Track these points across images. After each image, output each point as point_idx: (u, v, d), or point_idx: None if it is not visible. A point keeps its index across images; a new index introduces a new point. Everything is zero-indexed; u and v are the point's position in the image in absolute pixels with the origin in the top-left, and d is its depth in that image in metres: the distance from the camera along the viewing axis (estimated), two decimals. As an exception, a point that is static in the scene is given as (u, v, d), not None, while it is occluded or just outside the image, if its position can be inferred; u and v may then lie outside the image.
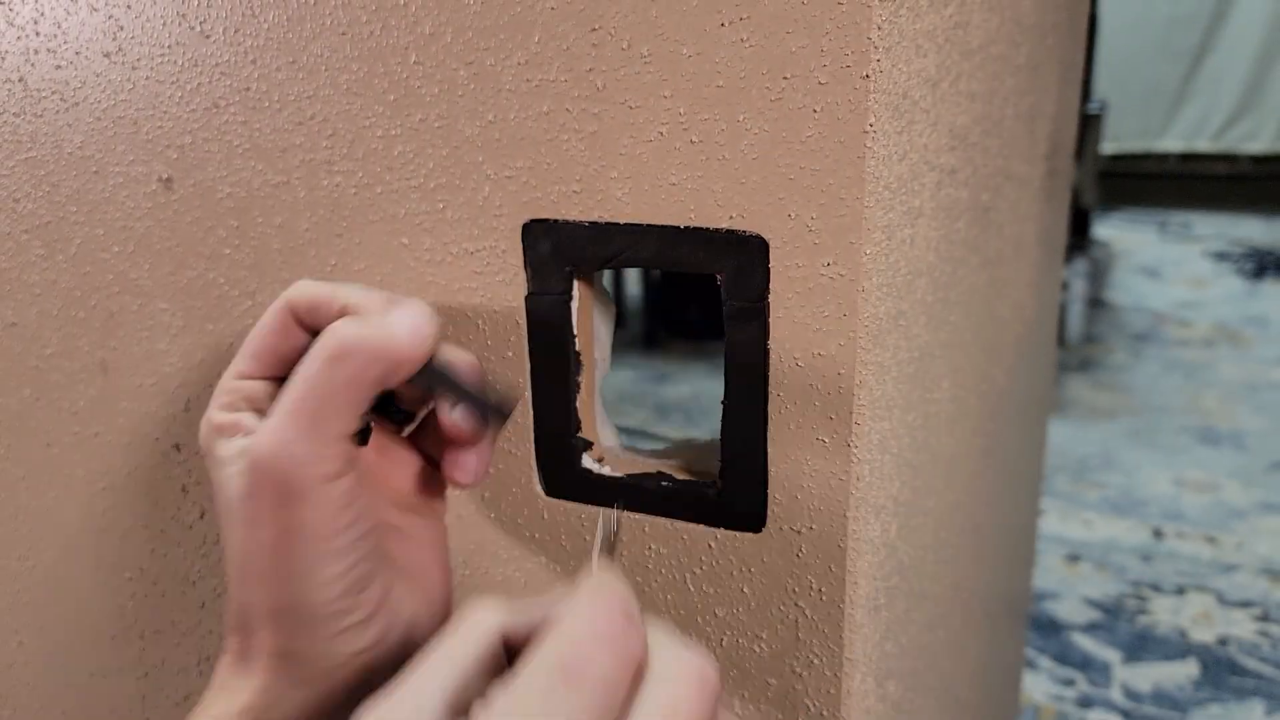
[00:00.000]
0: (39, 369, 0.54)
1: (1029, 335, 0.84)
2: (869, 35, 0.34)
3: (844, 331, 0.38)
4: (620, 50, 0.38)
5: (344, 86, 0.43)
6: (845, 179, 0.36)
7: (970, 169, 0.52)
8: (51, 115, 0.49)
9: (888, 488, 0.44)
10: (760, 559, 0.42)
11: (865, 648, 0.44)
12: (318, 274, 0.46)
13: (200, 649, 0.57)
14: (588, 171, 0.40)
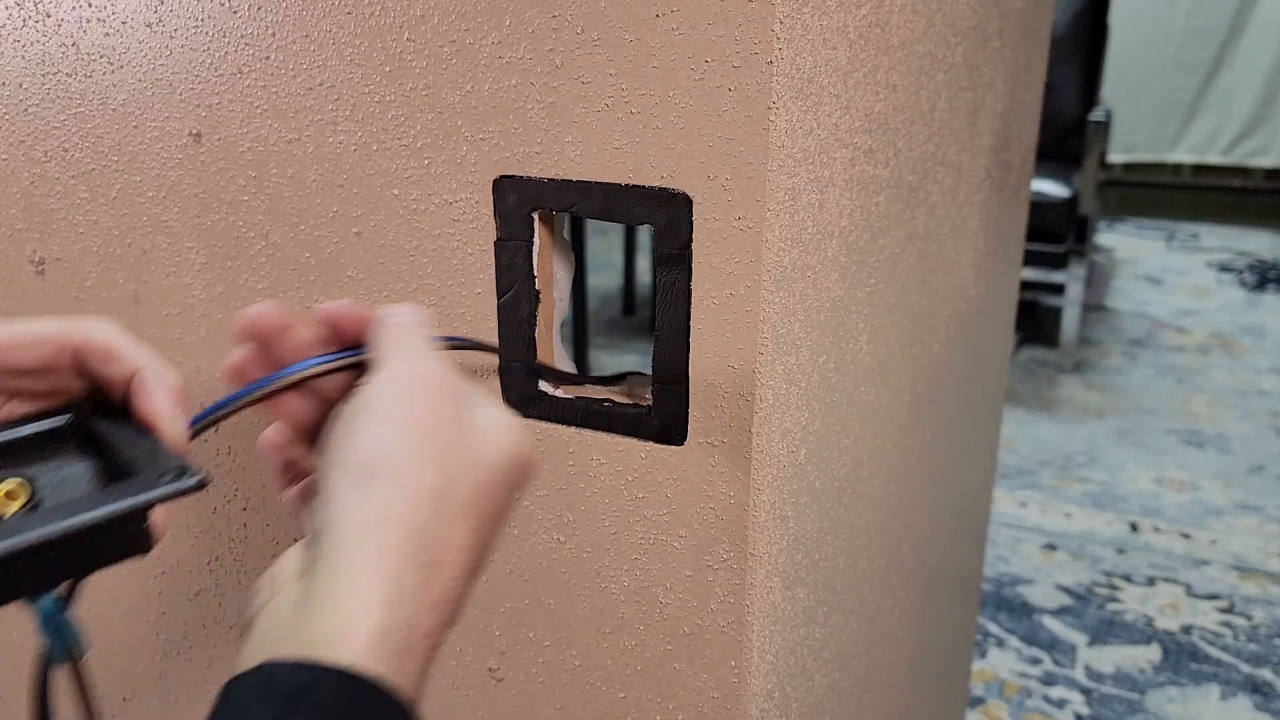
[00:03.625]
0: (80, 299, 0.63)
1: (973, 315, 0.92)
2: (772, 28, 0.42)
3: (750, 275, 0.46)
4: (576, 34, 0.46)
5: (348, 58, 0.51)
6: (752, 147, 0.44)
7: (891, 150, 0.60)
8: (99, 76, 0.57)
9: (796, 415, 0.52)
10: (682, 468, 0.50)
11: (770, 550, 0.52)
12: (321, 219, 0.54)
13: (210, 549, 0.65)
14: (547, 135, 0.48)
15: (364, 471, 0.35)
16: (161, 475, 0.34)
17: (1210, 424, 2.81)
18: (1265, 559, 2.16)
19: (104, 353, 0.37)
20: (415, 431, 0.36)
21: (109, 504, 0.33)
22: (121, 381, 0.38)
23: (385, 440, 0.35)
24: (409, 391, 0.37)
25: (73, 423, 0.38)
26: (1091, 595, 2.03)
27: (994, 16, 0.80)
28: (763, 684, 0.54)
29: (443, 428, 0.36)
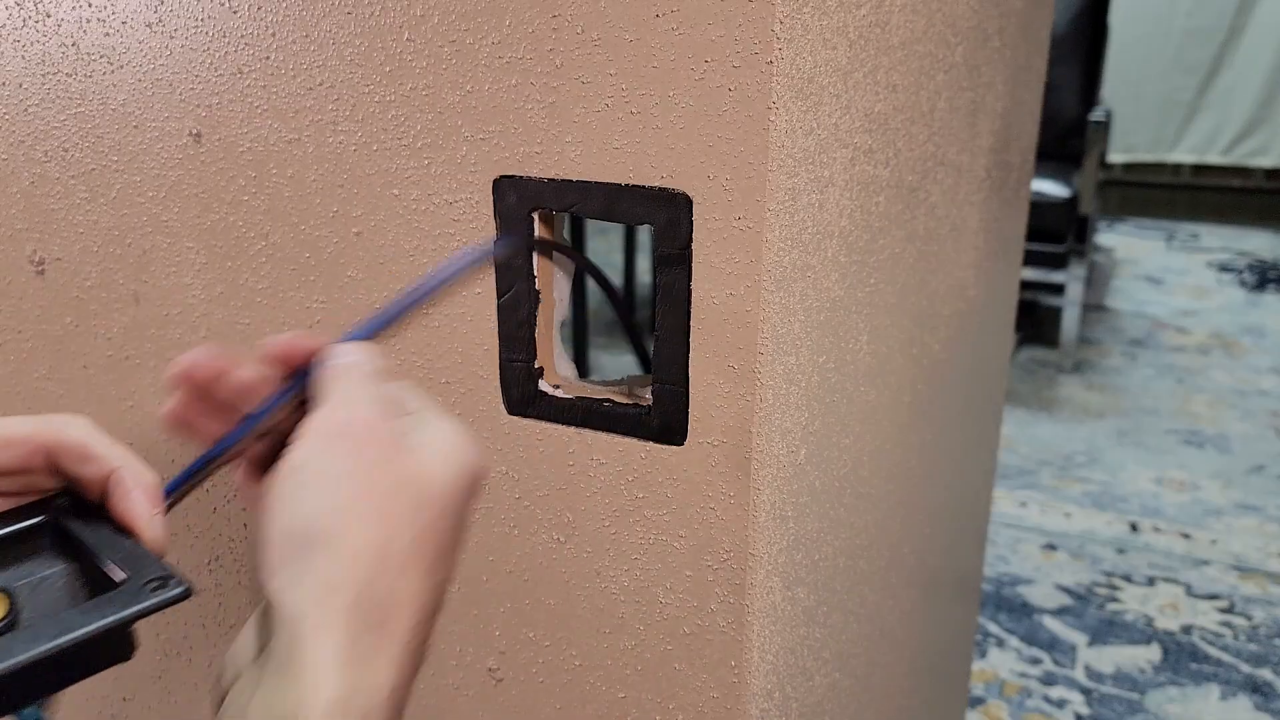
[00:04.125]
0: (79, 299, 0.63)
1: (973, 314, 0.92)
2: (772, 28, 0.42)
3: (750, 275, 0.46)
4: (575, 34, 0.46)
5: (348, 58, 0.51)
6: (752, 147, 0.44)
7: (891, 150, 0.60)
8: (99, 76, 0.57)
9: (796, 416, 0.52)
10: (682, 468, 0.50)
11: (770, 550, 0.52)
12: (321, 219, 0.54)
13: (211, 550, 0.65)
14: (547, 135, 0.48)
15: (302, 541, 0.34)
16: (146, 584, 0.34)
17: (1210, 424, 2.81)
18: (1265, 559, 2.16)
19: (78, 453, 0.37)
20: (347, 489, 0.35)
21: (96, 620, 0.33)
22: (98, 481, 0.37)
23: (318, 504, 0.34)
24: (338, 444, 0.36)
25: (48, 523, 0.37)
26: (1091, 595, 2.03)
27: (994, 16, 0.80)
28: (763, 684, 0.54)
29: (376, 477, 0.35)
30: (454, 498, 0.37)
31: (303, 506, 0.34)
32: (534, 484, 0.54)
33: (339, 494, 0.35)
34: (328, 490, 0.35)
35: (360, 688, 0.32)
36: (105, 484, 0.37)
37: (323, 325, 0.56)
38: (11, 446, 0.37)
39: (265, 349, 0.41)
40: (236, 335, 0.59)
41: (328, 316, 0.56)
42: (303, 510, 0.34)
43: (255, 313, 0.58)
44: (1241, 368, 3.20)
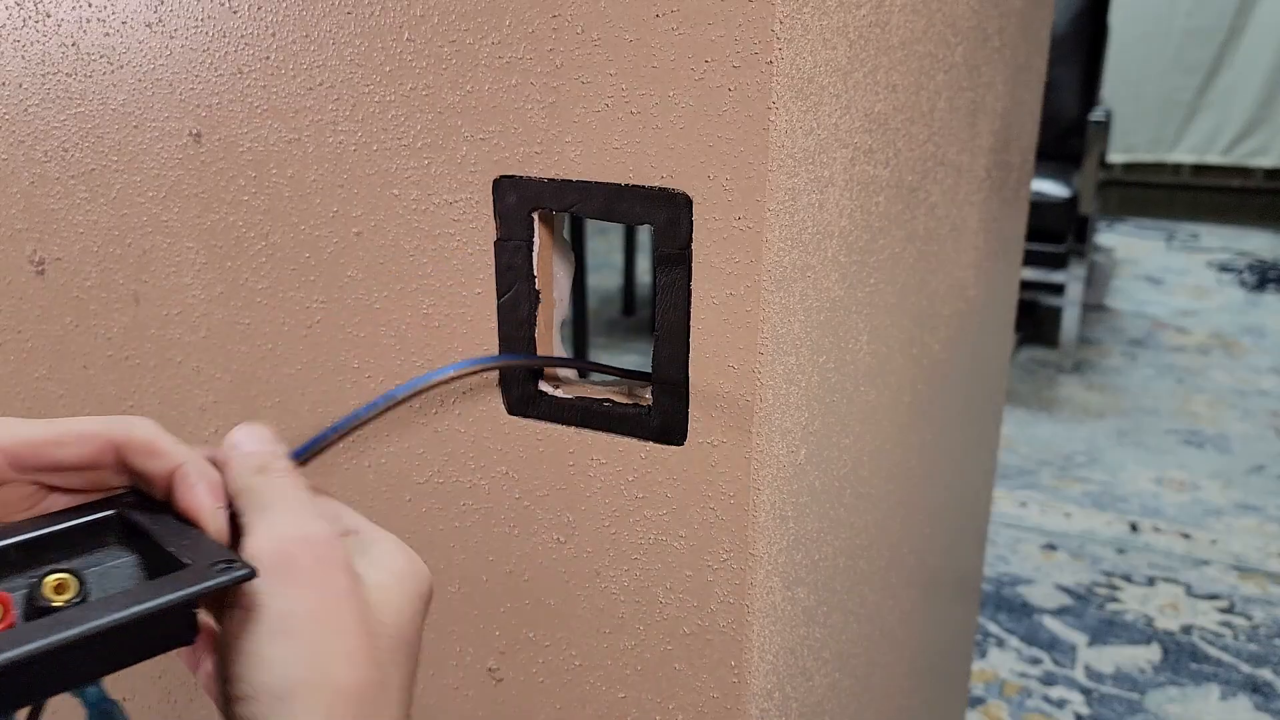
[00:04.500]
0: (79, 299, 0.63)
1: (972, 315, 0.92)
2: (772, 28, 0.42)
3: (750, 275, 0.46)
4: (576, 34, 0.46)
5: (348, 58, 0.51)
6: (752, 147, 0.44)
7: (891, 150, 0.60)
8: (99, 76, 0.57)
9: (796, 416, 0.52)
10: (682, 468, 0.50)
11: (770, 550, 0.52)
12: (321, 219, 0.54)
13: (210, 549, 0.65)
14: (547, 135, 0.48)
15: (280, 695, 0.33)
16: (212, 565, 0.34)
17: (1210, 424, 2.81)
18: (1265, 559, 2.16)
19: (146, 449, 0.38)
20: (316, 633, 0.34)
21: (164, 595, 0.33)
22: (163, 477, 0.38)
23: (289, 656, 0.33)
24: (296, 577, 0.34)
25: (115, 516, 0.38)
26: (1091, 595, 2.03)
27: (994, 16, 0.80)
28: (763, 684, 0.54)
29: (343, 613, 0.34)
30: (414, 620, 0.37)
31: (276, 664, 0.33)
32: (534, 484, 0.54)
33: (309, 641, 0.33)
34: (296, 639, 0.33)
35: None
36: (170, 480, 0.38)
37: (323, 325, 0.56)
38: (84, 442, 0.38)
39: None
40: (236, 335, 0.59)
41: (328, 316, 0.56)
42: (276, 667, 0.33)
43: (255, 313, 0.58)
44: (1241, 368, 3.20)
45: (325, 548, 0.35)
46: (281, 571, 0.34)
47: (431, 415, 0.56)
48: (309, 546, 0.35)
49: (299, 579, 0.34)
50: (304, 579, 0.34)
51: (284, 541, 0.35)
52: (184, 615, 0.35)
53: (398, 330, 0.55)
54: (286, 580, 0.34)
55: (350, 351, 0.56)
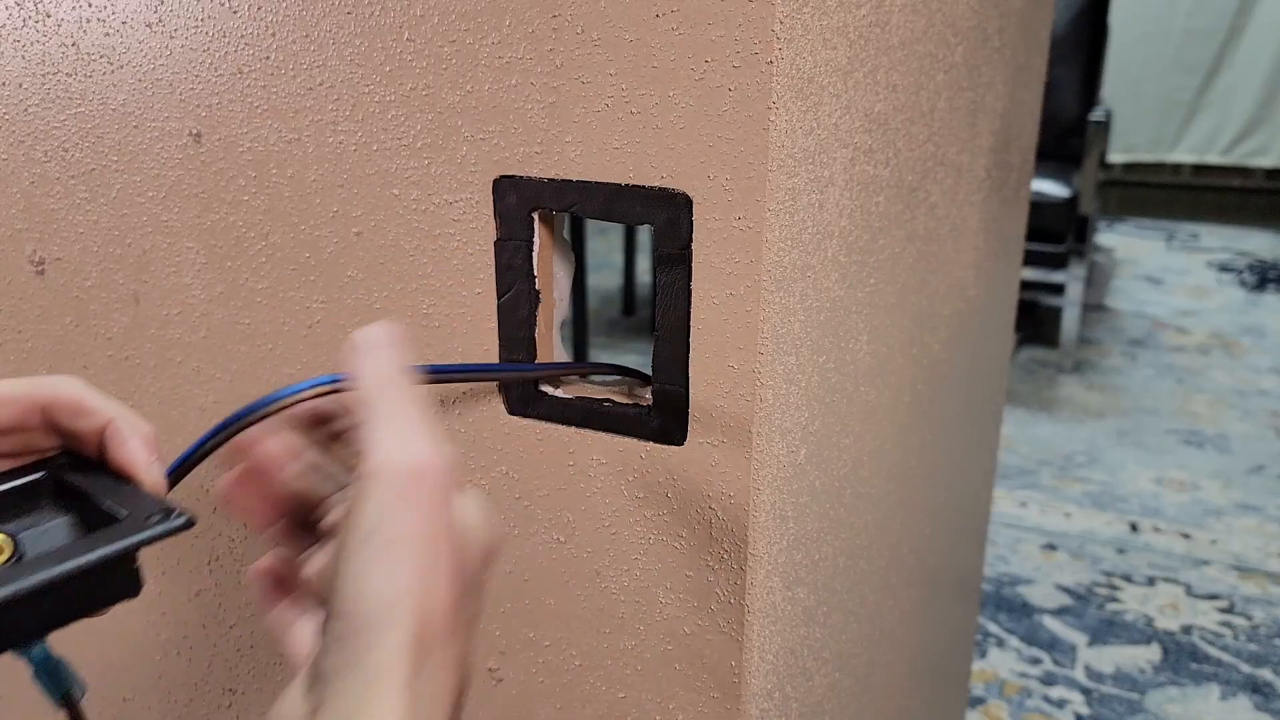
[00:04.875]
0: (79, 299, 0.63)
1: (972, 315, 0.92)
2: (772, 28, 0.42)
3: (750, 275, 0.46)
4: (576, 34, 0.46)
5: (348, 58, 0.51)
6: (752, 147, 0.44)
7: (891, 150, 0.60)
8: (99, 76, 0.57)
9: (796, 416, 0.52)
10: (682, 468, 0.50)
11: (770, 550, 0.52)
12: (321, 219, 0.54)
13: (211, 549, 0.65)
14: (547, 135, 0.48)
15: (366, 620, 0.34)
16: (149, 517, 0.34)
17: (1210, 424, 2.81)
18: (1265, 559, 2.16)
19: (73, 407, 0.37)
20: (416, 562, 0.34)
21: (100, 548, 0.33)
22: (93, 434, 0.38)
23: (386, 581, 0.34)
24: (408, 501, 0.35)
25: (47, 478, 0.37)
26: (1091, 595, 2.03)
27: (994, 16, 0.80)
28: (763, 684, 0.54)
29: (444, 544, 0.35)
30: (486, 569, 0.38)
31: (371, 584, 0.34)
32: (534, 484, 0.54)
33: (408, 568, 0.34)
34: (397, 564, 0.34)
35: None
36: (101, 437, 0.38)
37: (323, 325, 0.56)
38: (7, 404, 0.37)
39: None
40: (237, 335, 0.59)
41: (328, 316, 0.56)
42: (371, 588, 0.34)
43: (255, 313, 0.58)
44: (1241, 368, 3.20)
45: (441, 476, 0.35)
46: (400, 492, 0.35)
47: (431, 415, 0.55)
48: (427, 472, 0.35)
49: (415, 503, 0.35)
50: (419, 503, 0.35)
51: (404, 463, 0.35)
52: (125, 568, 0.35)
53: (398, 330, 0.55)
54: (402, 502, 0.35)
55: (350, 351, 0.56)
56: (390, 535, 0.34)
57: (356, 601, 0.34)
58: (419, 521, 0.35)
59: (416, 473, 0.35)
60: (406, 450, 0.35)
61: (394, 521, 0.34)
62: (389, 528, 0.34)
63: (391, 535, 0.34)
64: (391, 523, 0.34)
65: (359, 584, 0.34)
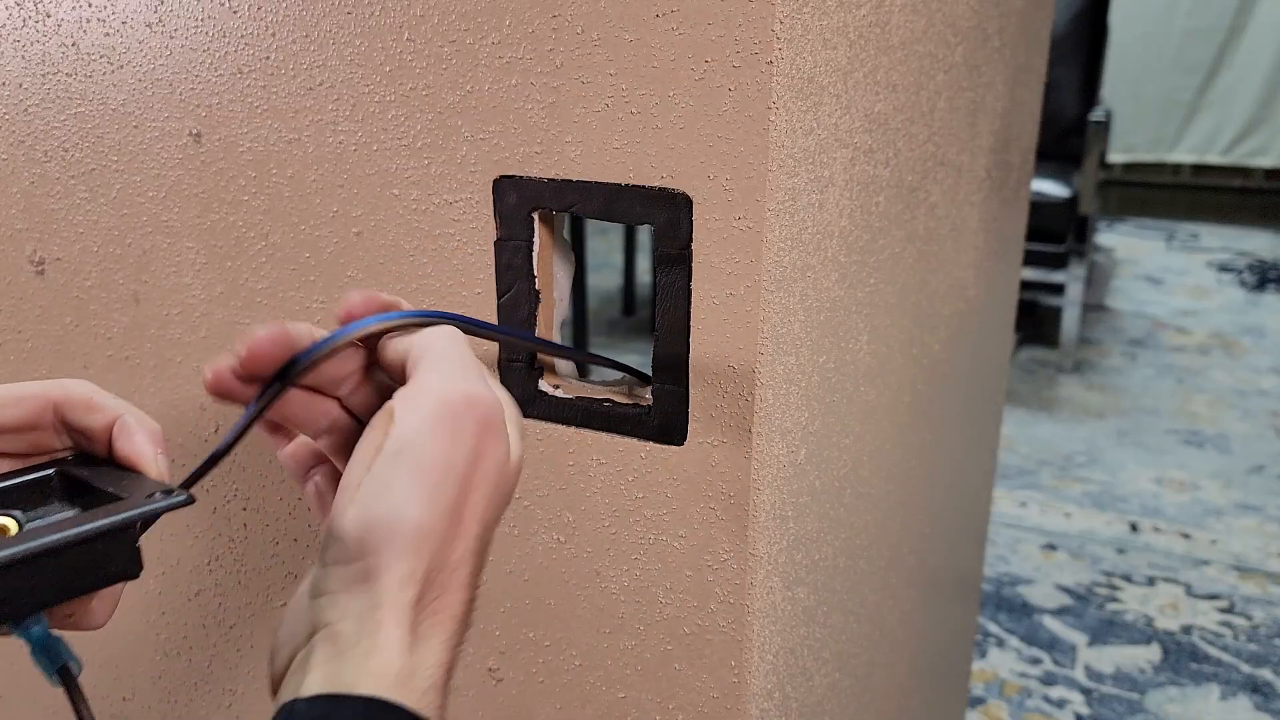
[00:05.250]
0: (79, 299, 0.63)
1: (972, 314, 0.92)
2: (772, 28, 0.42)
3: (750, 275, 0.46)
4: (576, 34, 0.46)
5: (348, 58, 0.51)
6: (752, 147, 0.44)
7: (891, 150, 0.60)
8: (99, 76, 0.57)
9: (796, 416, 0.52)
10: (682, 468, 0.50)
11: (770, 550, 0.52)
12: (321, 219, 0.54)
13: (210, 549, 0.65)
14: (547, 135, 0.48)
15: (385, 533, 0.34)
16: (149, 495, 0.35)
17: (1210, 424, 2.81)
18: (1265, 559, 2.16)
19: (84, 404, 0.38)
20: (441, 483, 0.35)
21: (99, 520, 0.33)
22: (103, 431, 0.38)
23: (408, 497, 0.34)
24: (440, 425, 0.35)
25: (57, 474, 0.38)
26: (1091, 595, 2.03)
27: (994, 16, 0.80)
28: (763, 684, 0.54)
29: (469, 471, 0.35)
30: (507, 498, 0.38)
31: (393, 499, 0.34)
32: (534, 484, 0.54)
33: (434, 488, 0.35)
34: (422, 481, 0.35)
35: (421, 666, 0.34)
36: (110, 433, 0.38)
37: (323, 325, 0.56)
38: (21, 403, 0.38)
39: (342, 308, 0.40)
40: (236, 335, 0.59)
41: (328, 316, 0.56)
42: (393, 502, 0.34)
43: (255, 313, 0.58)
44: (1241, 368, 3.20)
45: (472, 403, 0.36)
46: (428, 418, 0.35)
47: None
48: (458, 401, 0.36)
49: (441, 430, 0.35)
50: (445, 431, 0.35)
51: (436, 391, 0.36)
52: (124, 545, 0.35)
53: (398, 330, 0.55)
54: (430, 428, 0.35)
55: (350, 351, 0.56)
56: (419, 460, 0.35)
57: (369, 518, 0.34)
58: (453, 453, 0.35)
59: (458, 404, 0.36)
60: (451, 381, 0.36)
61: (426, 446, 0.35)
62: (419, 451, 0.35)
63: (420, 460, 0.35)
64: (422, 446, 0.35)
65: (375, 501, 0.34)
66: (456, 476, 0.35)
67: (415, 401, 0.36)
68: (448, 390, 0.36)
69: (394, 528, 0.34)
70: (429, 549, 0.34)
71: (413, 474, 0.34)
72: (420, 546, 0.34)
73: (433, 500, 0.34)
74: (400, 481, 0.34)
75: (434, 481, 0.35)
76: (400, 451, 0.35)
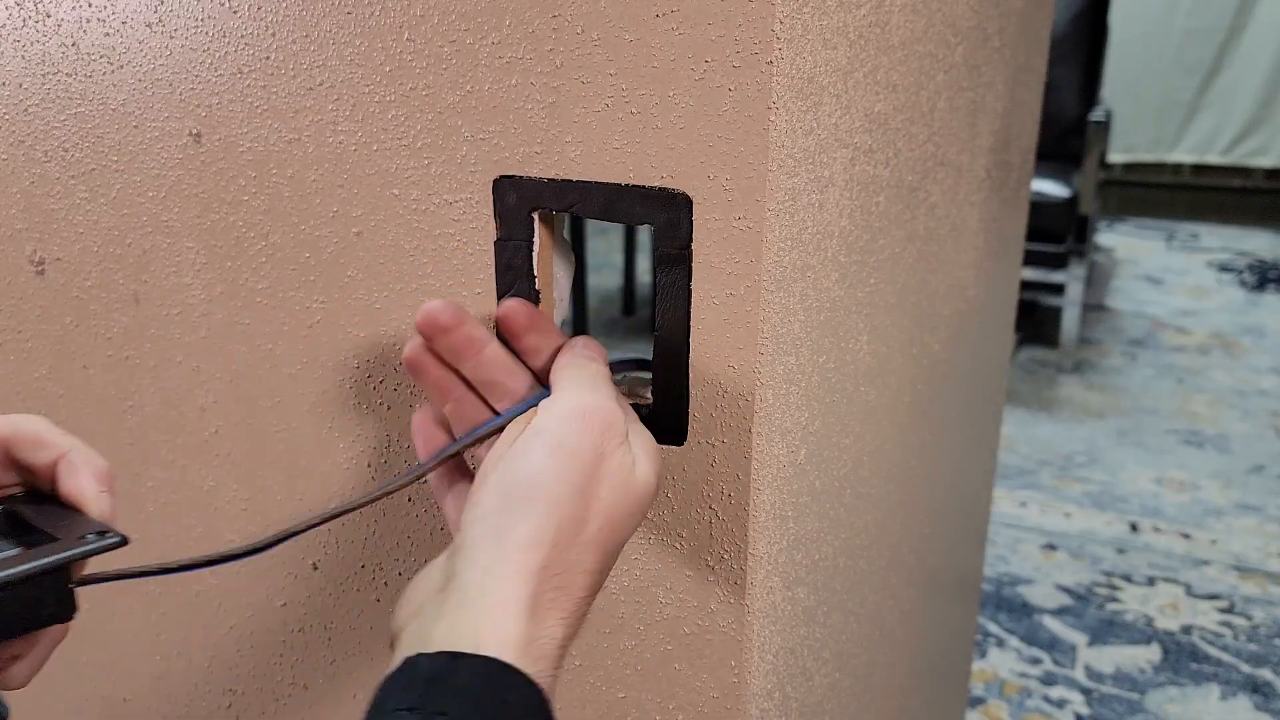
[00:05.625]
0: (79, 299, 0.63)
1: (972, 314, 0.92)
2: (772, 28, 0.42)
3: (750, 275, 0.46)
4: (576, 34, 0.46)
5: (348, 58, 0.51)
6: (752, 147, 0.44)
7: (891, 150, 0.60)
8: (99, 76, 0.57)
9: (796, 416, 0.52)
10: (682, 468, 0.50)
11: (770, 550, 0.52)
12: (321, 219, 0.54)
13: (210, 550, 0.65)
14: (547, 135, 0.48)
15: (519, 495, 0.38)
16: (81, 536, 0.35)
17: (1210, 424, 2.81)
18: (1265, 559, 2.16)
19: (32, 441, 0.39)
20: (571, 463, 0.39)
21: (29, 562, 0.34)
22: (49, 468, 0.39)
23: (543, 467, 0.39)
24: (578, 422, 0.40)
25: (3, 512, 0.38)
26: (1091, 595, 2.03)
27: (994, 16, 0.80)
28: (763, 684, 0.54)
29: (595, 462, 0.40)
30: (639, 507, 0.42)
31: (530, 465, 0.39)
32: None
33: (564, 464, 0.39)
34: (556, 458, 0.39)
35: (539, 635, 0.37)
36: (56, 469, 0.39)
37: (323, 325, 0.56)
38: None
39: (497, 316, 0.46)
40: (237, 335, 0.59)
41: (327, 316, 0.56)
42: (529, 468, 0.39)
43: (255, 313, 0.58)
44: (1241, 368, 3.20)
45: (609, 415, 0.41)
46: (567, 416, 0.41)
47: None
48: (597, 411, 0.41)
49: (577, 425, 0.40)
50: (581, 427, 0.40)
51: (577, 401, 0.41)
52: (57, 589, 0.35)
53: (398, 330, 0.55)
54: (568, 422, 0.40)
55: (350, 351, 0.56)
56: (554, 440, 0.40)
57: (510, 478, 0.39)
58: (581, 442, 0.40)
59: (587, 406, 0.41)
60: (587, 394, 0.42)
61: (560, 432, 0.40)
62: (555, 434, 0.40)
63: (555, 440, 0.40)
64: (558, 432, 0.40)
65: (516, 464, 0.39)
66: (583, 462, 0.39)
67: (555, 402, 0.41)
68: (582, 397, 0.41)
69: (528, 491, 0.38)
70: (555, 519, 0.38)
71: (548, 450, 0.39)
72: (549, 514, 0.38)
73: (562, 476, 0.39)
74: (537, 454, 0.39)
75: (564, 459, 0.39)
76: (540, 433, 0.40)
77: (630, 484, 0.41)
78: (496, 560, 0.37)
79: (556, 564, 0.38)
